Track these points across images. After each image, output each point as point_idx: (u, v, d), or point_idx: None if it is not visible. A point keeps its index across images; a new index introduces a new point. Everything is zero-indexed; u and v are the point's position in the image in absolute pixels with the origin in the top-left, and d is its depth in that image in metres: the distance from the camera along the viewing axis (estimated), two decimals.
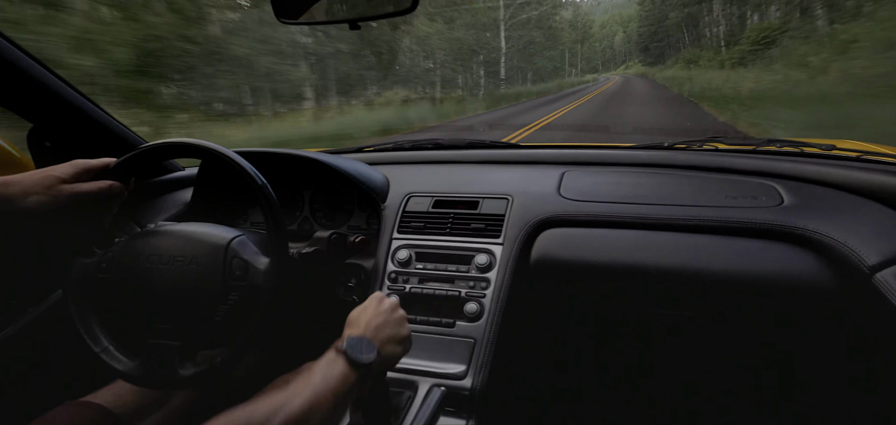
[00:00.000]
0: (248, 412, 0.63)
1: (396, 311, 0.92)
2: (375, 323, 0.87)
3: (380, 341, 0.85)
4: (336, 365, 0.77)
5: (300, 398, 0.68)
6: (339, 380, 0.75)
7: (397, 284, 1.24)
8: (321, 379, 0.73)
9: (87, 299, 1.02)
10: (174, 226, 1.03)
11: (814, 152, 1.38)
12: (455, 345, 1.11)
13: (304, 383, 0.71)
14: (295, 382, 0.71)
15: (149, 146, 1.04)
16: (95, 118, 1.38)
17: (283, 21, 1.24)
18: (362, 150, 1.83)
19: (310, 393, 0.70)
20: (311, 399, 0.69)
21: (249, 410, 0.63)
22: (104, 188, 1.02)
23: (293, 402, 0.67)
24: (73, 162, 1.01)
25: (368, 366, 0.79)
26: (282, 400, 0.67)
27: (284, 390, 0.69)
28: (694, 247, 1.14)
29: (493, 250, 1.23)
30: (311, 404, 0.69)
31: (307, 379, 0.72)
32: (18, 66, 1.17)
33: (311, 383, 0.71)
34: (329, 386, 0.73)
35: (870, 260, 0.95)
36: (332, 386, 0.74)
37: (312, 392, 0.70)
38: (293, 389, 0.69)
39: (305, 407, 0.68)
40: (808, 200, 1.17)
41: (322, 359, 0.78)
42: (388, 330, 0.88)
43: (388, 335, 0.88)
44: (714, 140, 1.55)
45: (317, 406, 0.70)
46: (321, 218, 1.52)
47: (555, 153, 1.60)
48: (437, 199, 1.37)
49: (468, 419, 1.00)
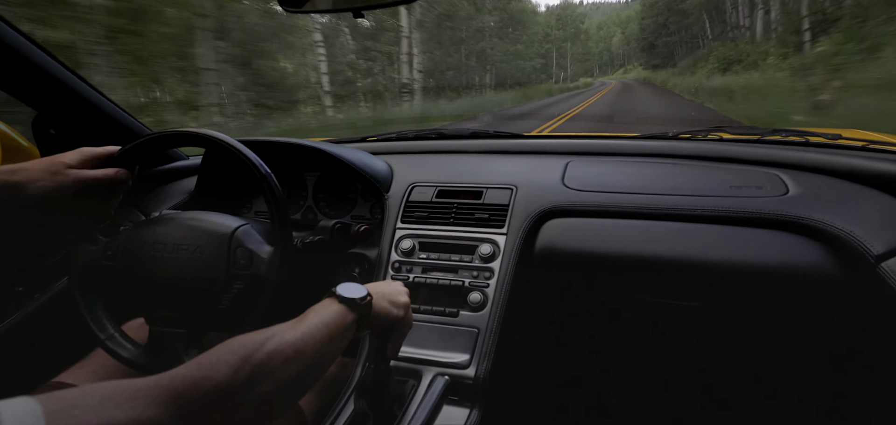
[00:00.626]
0: (242, 339, 0.63)
1: (398, 284, 0.93)
2: (377, 290, 0.88)
3: (376, 295, 0.86)
4: (330, 306, 0.78)
5: (295, 330, 0.69)
6: (332, 317, 0.76)
7: (401, 274, 1.24)
8: (314, 316, 0.74)
9: (92, 286, 1.03)
10: (178, 215, 1.04)
11: (819, 141, 1.37)
12: (458, 335, 1.11)
13: (298, 320, 0.72)
14: (290, 320, 0.72)
15: (153, 135, 1.05)
16: (100, 106, 1.38)
17: (287, 9, 1.23)
18: (366, 140, 1.83)
19: (304, 327, 0.71)
20: (304, 331, 0.70)
21: (243, 338, 0.63)
22: (110, 175, 1.03)
23: (287, 332, 0.68)
24: (78, 149, 1.02)
25: (360, 306, 0.81)
26: (276, 328, 0.67)
27: (280, 324, 0.70)
28: (698, 237, 1.14)
29: (497, 240, 1.23)
30: (304, 336, 0.69)
31: (302, 318, 0.73)
32: (23, 53, 1.17)
33: (306, 320, 0.73)
34: (322, 320, 0.74)
35: (875, 249, 0.95)
36: (324, 320, 0.75)
37: (306, 326, 0.71)
38: (288, 324, 0.70)
39: (298, 338, 0.69)
40: (814, 190, 1.17)
41: (318, 303, 0.79)
42: (387, 290, 0.89)
43: (386, 293, 0.89)
44: (719, 129, 1.55)
45: (310, 337, 0.70)
46: (325, 207, 1.52)
47: (559, 143, 1.60)
48: (440, 189, 1.37)
49: (471, 408, 1.00)
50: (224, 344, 0.61)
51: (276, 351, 0.64)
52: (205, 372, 0.57)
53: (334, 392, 1.12)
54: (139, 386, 0.52)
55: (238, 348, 0.61)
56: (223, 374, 0.58)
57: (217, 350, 0.60)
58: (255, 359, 0.61)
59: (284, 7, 1.23)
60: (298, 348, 0.67)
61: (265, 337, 0.64)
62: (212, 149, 1.00)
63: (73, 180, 0.99)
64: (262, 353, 0.62)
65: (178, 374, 0.56)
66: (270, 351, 0.63)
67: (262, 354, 0.62)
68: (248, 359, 0.60)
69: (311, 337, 0.70)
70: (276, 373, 0.63)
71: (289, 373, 0.65)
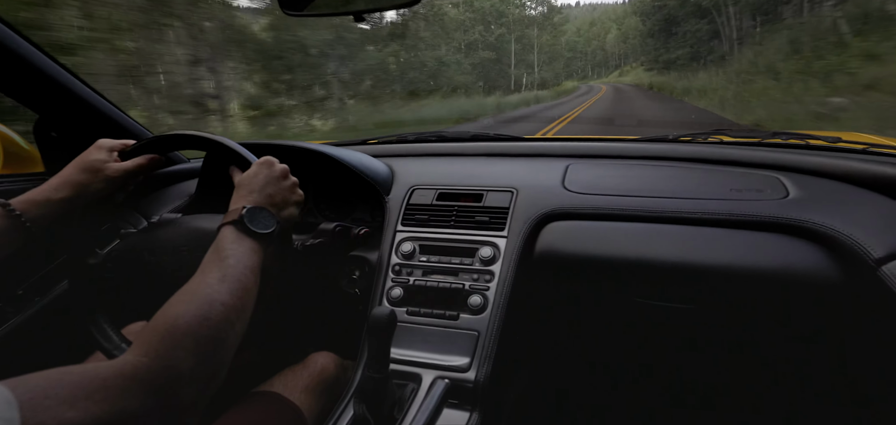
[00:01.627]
0: (184, 316, 0.64)
1: (288, 179, 0.95)
2: (269, 191, 0.89)
3: (275, 206, 0.89)
4: (243, 243, 0.79)
5: (225, 285, 0.71)
6: (250, 255, 0.78)
7: (401, 277, 1.24)
8: (235, 261, 0.75)
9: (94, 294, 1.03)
10: (178, 218, 1.04)
11: (819, 144, 1.37)
12: (459, 338, 1.11)
13: (217, 270, 0.73)
14: (208, 271, 0.73)
15: (156, 137, 1.05)
16: (100, 109, 1.38)
17: (287, 13, 1.24)
18: (367, 142, 1.83)
19: (232, 278, 0.72)
20: (234, 284, 0.72)
21: (185, 315, 0.64)
22: (144, 163, 1.03)
23: (221, 294, 0.69)
24: (99, 143, 1.02)
25: (271, 235, 0.83)
26: (206, 292, 0.69)
27: (201, 281, 0.71)
28: (698, 240, 1.14)
29: (498, 243, 1.23)
30: (237, 291, 0.71)
31: (219, 265, 0.74)
32: (25, 57, 1.18)
33: (226, 268, 0.74)
34: (244, 263, 0.76)
35: (876, 252, 0.94)
36: (246, 263, 0.76)
37: (234, 276, 0.73)
38: (210, 279, 0.71)
39: (236, 296, 0.71)
40: (814, 193, 1.17)
41: (223, 239, 0.79)
42: (282, 195, 0.91)
43: (282, 199, 0.91)
44: (719, 132, 1.55)
45: (242, 289, 0.72)
46: (325, 210, 1.53)
47: (559, 146, 1.60)
48: (441, 192, 1.37)
49: (472, 411, 1.00)
50: (167, 327, 0.63)
51: (223, 319, 0.67)
52: (164, 362, 0.59)
53: (334, 395, 1.12)
54: (105, 375, 0.55)
55: (186, 328, 0.63)
56: (183, 361, 0.61)
57: (165, 333, 0.62)
58: (208, 335, 0.64)
59: (285, 11, 1.24)
60: (238, 307, 0.70)
61: (205, 310, 0.66)
62: (212, 152, 1.00)
63: (117, 173, 0.99)
64: (211, 326, 0.65)
65: (142, 364, 0.58)
66: (217, 322, 0.66)
67: (212, 327, 0.65)
68: (200, 338, 0.63)
69: (244, 289, 0.73)
70: (227, 338, 0.67)
71: (235, 332, 0.69)
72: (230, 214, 0.83)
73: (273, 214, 0.87)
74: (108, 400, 0.53)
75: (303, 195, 0.97)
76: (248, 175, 0.92)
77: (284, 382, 1.07)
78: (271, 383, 1.06)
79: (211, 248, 0.79)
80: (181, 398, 0.59)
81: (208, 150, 1.11)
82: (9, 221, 0.87)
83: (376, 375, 0.88)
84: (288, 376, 1.09)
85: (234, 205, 0.87)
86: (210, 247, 0.79)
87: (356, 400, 0.94)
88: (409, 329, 1.15)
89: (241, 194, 0.88)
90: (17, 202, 0.89)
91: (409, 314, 1.18)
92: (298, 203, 0.96)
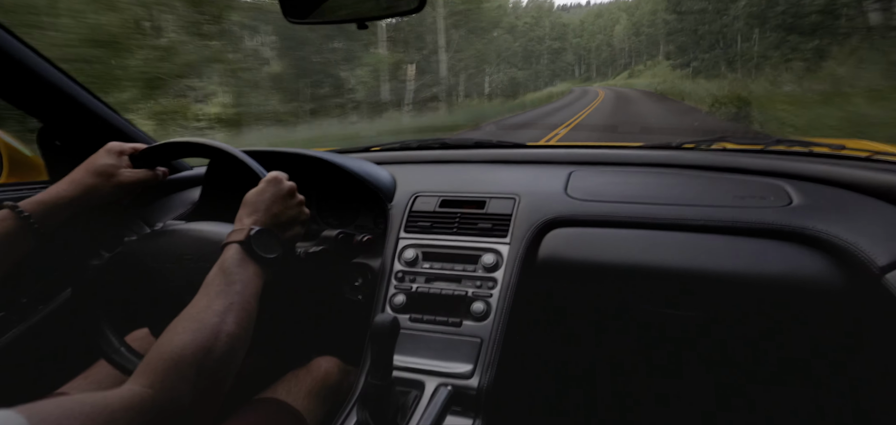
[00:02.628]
0: (190, 346, 0.65)
1: (295, 197, 0.95)
2: (275, 210, 0.90)
3: (281, 226, 0.89)
4: (248, 267, 0.80)
5: (231, 315, 0.71)
6: (255, 280, 0.79)
7: (404, 284, 1.24)
8: (241, 288, 0.76)
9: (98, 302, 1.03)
10: (182, 225, 1.04)
11: (823, 152, 1.37)
12: (462, 345, 1.11)
13: (222, 295, 0.74)
14: (215, 295, 0.73)
15: (159, 144, 1.06)
16: (104, 117, 1.39)
17: (291, 20, 1.24)
18: (369, 150, 1.83)
19: (238, 307, 0.73)
20: (240, 312, 0.73)
21: (190, 345, 0.65)
22: (158, 175, 1.04)
23: (227, 322, 0.70)
24: (108, 146, 1.02)
25: (277, 260, 0.84)
26: (213, 322, 0.69)
27: (207, 308, 0.71)
28: (702, 248, 1.14)
29: (500, 250, 1.23)
30: (242, 320, 0.72)
31: (226, 293, 0.74)
32: (29, 65, 1.18)
33: (232, 295, 0.74)
34: (250, 290, 0.77)
35: (880, 261, 0.94)
36: (251, 290, 0.77)
37: (239, 304, 0.74)
38: (216, 307, 0.72)
39: (240, 322, 0.72)
40: (818, 201, 1.17)
41: (229, 260, 0.79)
42: (288, 215, 0.92)
43: (288, 218, 0.92)
44: (723, 139, 1.55)
45: (247, 318, 0.74)
46: (328, 217, 1.53)
47: (562, 152, 1.60)
48: (443, 199, 1.37)
49: (475, 418, 0.99)
50: (173, 358, 0.63)
51: (227, 351, 0.68)
52: (169, 394, 0.61)
53: (337, 400, 1.12)
54: (113, 407, 0.56)
55: (191, 359, 0.64)
56: (186, 393, 0.62)
57: (170, 363, 0.63)
58: (211, 368, 0.65)
59: (289, 19, 1.24)
60: (242, 336, 0.71)
61: (210, 341, 0.67)
62: (216, 159, 1.01)
63: (128, 179, 1.00)
64: (216, 358, 0.66)
65: (147, 396, 0.59)
66: (221, 355, 0.67)
67: (216, 360, 0.66)
68: (204, 370, 0.64)
69: (249, 318, 0.74)
70: (230, 368, 0.68)
71: (237, 360, 0.70)
72: (236, 233, 0.84)
73: (278, 237, 0.87)
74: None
75: (309, 213, 0.98)
76: (256, 192, 0.92)
77: (288, 387, 1.07)
78: (274, 389, 1.06)
79: (216, 268, 0.79)
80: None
81: (217, 159, 1.11)
82: (18, 224, 0.88)
83: (379, 382, 0.88)
84: (291, 381, 1.09)
85: (239, 223, 0.87)
86: (215, 266, 0.79)
87: (359, 406, 0.94)
88: (412, 336, 1.15)
89: (248, 211, 0.88)
90: (26, 204, 0.89)
91: (411, 321, 1.18)
92: (304, 222, 0.96)
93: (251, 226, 0.84)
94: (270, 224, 0.87)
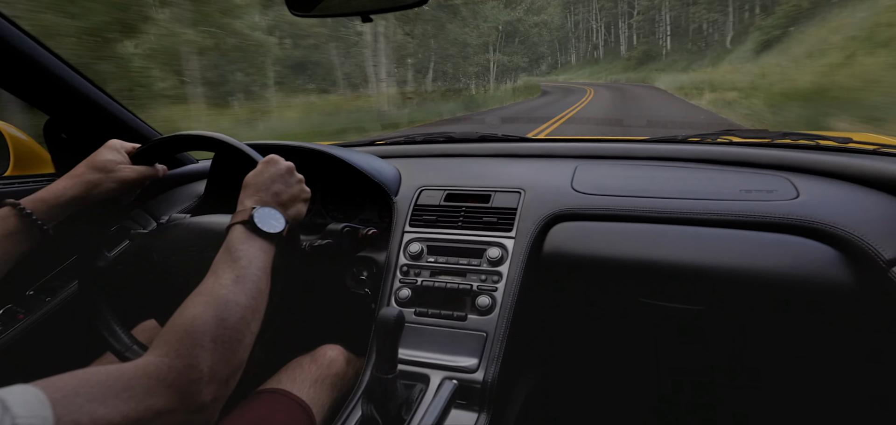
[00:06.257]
0: (202, 317, 0.66)
1: (293, 176, 0.96)
2: (275, 189, 0.90)
3: (283, 204, 0.90)
4: (253, 243, 0.81)
5: (240, 286, 0.73)
6: (261, 255, 0.80)
7: (409, 277, 1.24)
8: (247, 262, 0.77)
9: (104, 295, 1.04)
10: (187, 218, 1.05)
11: (830, 145, 1.36)
12: (467, 339, 1.11)
13: (231, 271, 0.75)
14: (222, 272, 0.75)
15: (162, 139, 1.06)
16: (110, 110, 1.39)
17: (295, 14, 1.24)
18: (374, 143, 1.83)
19: (246, 279, 0.74)
20: (248, 284, 0.74)
21: (202, 315, 0.67)
22: (155, 174, 1.05)
23: (236, 293, 0.72)
24: (110, 143, 1.02)
25: (281, 235, 0.85)
26: (222, 294, 0.71)
27: (216, 283, 0.73)
28: (708, 241, 1.13)
29: (505, 244, 1.23)
30: (252, 292, 0.74)
31: (232, 266, 0.76)
32: (35, 58, 1.18)
33: (239, 269, 0.75)
34: (256, 264, 0.78)
35: (887, 254, 0.94)
36: (258, 264, 0.78)
37: (247, 277, 0.75)
38: (224, 280, 0.73)
39: (249, 293, 0.73)
40: (824, 193, 1.16)
41: (234, 239, 0.80)
42: (289, 193, 0.93)
43: (289, 196, 0.92)
44: (728, 133, 1.54)
45: (256, 290, 0.75)
46: (333, 211, 1.53)
47: (567, 147, 1.59)
48: (448, 193, 1.37)
49: (480, 412, 1.00)
50: (186, 328, 0.65)
51: (239, 320, 0.69)
52: (186, 360, 0.62)
53: (342, 388, 1.12)
54: (130, 375, 0.57)
55: (204, 329, 0.65)
56: (203, 360, 0.63)
57: (184, 334, 0.64)
58: (225, 336, 0.66)
59: (293, 11, 1.24)
60: (253, 307, 0.73)
61: (222, 311, 0.68)
62: (221, 152, 1.01)
63: (130, 176, 1.00)
64: (229, 327, 0.68)
65: (164, 364, 0.60)
66: (235, 323, 0.68)
67: (229, 328, 0.67)
68: (219, 338, 0.65)
69: (258, 290, 0.75)
70: (244, 338, 0.69)
71: (251, 332, 0.72)
72: (239, 214, 0.84)
73: (281, 213, 0.88)
74: (134, 399, 0.55)
75: (310, 192, 0.98)
76: (255, 174, 0.92)
77: (292, 376, 1.07)
78: (279, 378, 1.07)
79: (222, 249, 0.80)
80: (202, 397, 0.62)
81: (214, 150, 1.12)
82: (21, 222, 0.88)
83: (384, 376, 0.89)
84: (296, 370, 1.09)
85: (241, 205, 0.87)
86: (221, 248, 0.80)
87: (364, 400, 0.94)
88: (417, 329, 1.15)
89: (248, 193, 0.89)
90: (27, 201, 0.89)
91: (417, 315, 1.18)
92: (306, 200, 0.97)
93: (253, 206, 0.85)
94: (273, 203, 0.88)
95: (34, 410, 0.47)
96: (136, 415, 0.55)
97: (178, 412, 0.59)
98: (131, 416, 0.54)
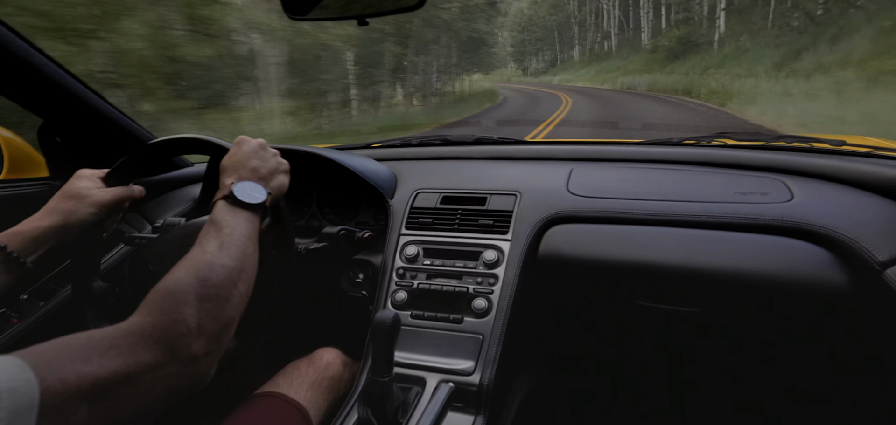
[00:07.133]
0: (185, 277, 0.67)
1: (267, 149, 0.97)
2: (252, 165, 0.91)
3: (263, 179, 0.90)
4: (237, 214, 0.81)
5: (224, 250, 0.73)
6: (245, 224, 0.81)
7: (405, 280, 1.24)
8: (230, 230, 0.78)
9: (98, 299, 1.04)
10: (182, 221, 1.04)
11: (824, 147, 1.37)
12: (463, 341, 1.11)
13: (214, 239, 0.75)
14: (205, 242, 0.75)
15: (156, 142, 1.06)
16: (105, 114, 1.39)
17: (291, 17, 1.24)
18: (370, 146, 1.83)
19: (230, 244, 0.75)
20: (232, 248, 0.75)
21: (185, 275, 0.67)
22: (130, 196, 1.03)
23: (220, 256, 0.72)
24: (79, 172, 1.00)
25: (264, 205, 0.86)
26: (205, 258, 0.71)
27: (199, 250, 0.73)
28: (703, 243, 1.14)
29: (501, 246, 1.23)
30: (235, 252, 0.74)
31: (216, 235, 0.76)
32: (30, 62, 1.18)
33: (223, 236, 0.76)
34: (240, 231, 0.78)
35: (880, 256, 0.94)
36: (242, 230, 0.79)
37: (231, 242, 0.75)
38: (208, 247, 0.74)
39: (234, 256, 0.74)
40: (819, 195, 1.16)
41: (217, 212, 0.81)
42: (267, 167, 0.93)
43: (268, 170, 0.93)
44: (723, 135, 1.55)
45: (240, 251, 0.75)
46: (329, 214, 1.53)
47: (563, 149, 1.60)
48: (444, 195, 1.37)
49: (476, 414, 1.00)
50: (168, 289, 0.65)
51: (224, 278, 0.70)
52: (171, 317, 0.62)
53: (339, 391, 1.12)
54: (112, 335, 0.57)
55: (187, 288, 0.65)
56: (189, 316, 0.63)
57: (167, 294, 0.65)
58: (210, 293, 0.67)
59: (289, 15, 1.24)
60: (238, 268, 0.73)
61: (204, 272, 0.69)
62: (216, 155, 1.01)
63: (104, 199, 0.98)
64: (213, 285, 0.68)
65: (147, 322, 0.61)
66: (219, 281, 0.69)
67: (213, 286, 0.68)
68: (204, 296, 0.66)
69: (243, 253, 0.76)
70: (231, 296, 0.70)
71: (239, 291, 0.72)
72: (220, 191, 0.85)
73: (262, 187, 0.88)
74: (121, 356, 0.55)
75: (288, 163, 0.99)
76: (229, 156, 0.93)
77: (289, 380, 1.07)
78: (276, 381, 1.07)
79: (206, 223, 0.80)
80: (192, 350, 0.62)
81: (181, 153, 1.12)
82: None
83: (381, 379, 0.89)
84: (292, 373, 1.09)
85: (222, 184, 0.88)
86: (205, 223, 0.81)
87: (360, 403, 0.94)
88: (413, 332, 1.15)
89: (227, 174, 0.90)
90: (3, 237, 0.86)
91: (413, 317, 1.18)
92: (286, 171, 0.98)
93: (232, 182, 0.86)
94: (252, 178, 0.89)
95: (14, 374, 0.47)
96: (125, 370, 0.55)
97: (169, 364, 0.59)
98: (120, 371, 0.54)
